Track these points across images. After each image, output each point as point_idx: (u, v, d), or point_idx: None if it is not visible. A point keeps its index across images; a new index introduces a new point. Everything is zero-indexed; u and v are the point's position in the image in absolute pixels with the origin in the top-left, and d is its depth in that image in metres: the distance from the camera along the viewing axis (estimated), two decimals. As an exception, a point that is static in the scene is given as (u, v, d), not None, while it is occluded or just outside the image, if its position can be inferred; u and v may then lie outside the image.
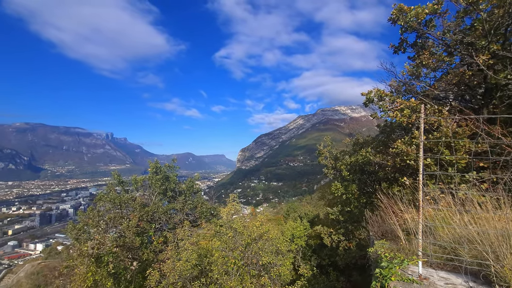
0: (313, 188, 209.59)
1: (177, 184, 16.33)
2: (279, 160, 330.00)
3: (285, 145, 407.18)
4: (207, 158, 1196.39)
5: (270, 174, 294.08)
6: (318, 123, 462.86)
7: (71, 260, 8.98)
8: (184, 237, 9.69)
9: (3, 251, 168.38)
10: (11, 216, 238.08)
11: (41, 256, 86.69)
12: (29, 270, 50.02)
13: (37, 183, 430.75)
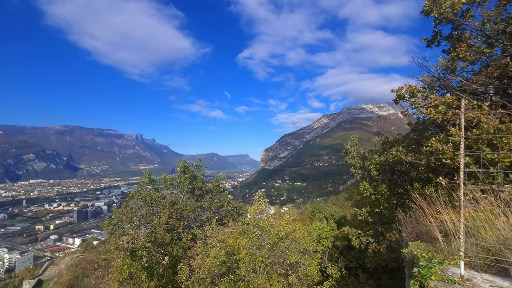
0: (339, 188, 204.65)
1: (204, 183, 16.76)
2: (303, 160, 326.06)
3: (309, 145, 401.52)
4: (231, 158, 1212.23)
5: (294, 174, 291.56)
6: (343, 122, 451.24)
7: (108, 253, 9.58)
8: (212, 234, 9.94)
9: (46, 244, 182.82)
10: (52, 212, 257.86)
11: (79, 250, 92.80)
12: (69, 262, 53.37)
13: (75, 182, 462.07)
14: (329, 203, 74.79)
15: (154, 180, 17.10)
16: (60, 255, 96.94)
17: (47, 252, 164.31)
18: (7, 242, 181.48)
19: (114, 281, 8.53)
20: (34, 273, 66.58)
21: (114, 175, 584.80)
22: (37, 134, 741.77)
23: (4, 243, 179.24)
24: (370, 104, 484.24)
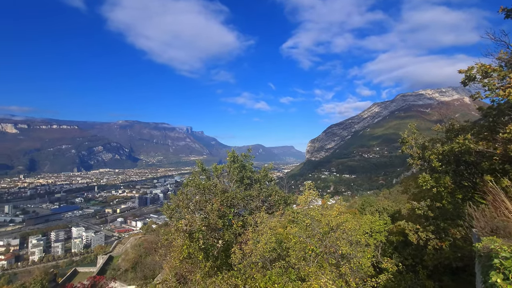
0: (392, 182, 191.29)
1: (252, 173, 17.21)
2: (352, 151, 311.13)
3: (358, 135, 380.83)
4: (276, 150, 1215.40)
5: (342, 166, 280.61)
6: (397, 110, 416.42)
7: (169, 234, 10.55)
8: (263, 221, 10.24)
9: (114, 225, 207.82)
10: (118, 198, 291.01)
11: (140, 232, 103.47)
12: (133, 242, 59.02)
13: (135, 171, 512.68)
14: (381, 196, 70.63)
15: (205, 169, 18.11)
16: (125, 236, 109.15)
17: (115, 232, 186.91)
18: (84, 222, 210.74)
19: (175, 259, 9.40)
20: (106, 250, 76.37)
21: (168, 165, 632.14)
22: (104, 129, 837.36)
23: (82, 223, 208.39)
24: (429, 90, 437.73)
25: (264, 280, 7.32)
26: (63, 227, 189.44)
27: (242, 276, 7.71)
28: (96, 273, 41.91)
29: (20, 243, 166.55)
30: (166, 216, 16.40)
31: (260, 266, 9.19)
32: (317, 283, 6.92)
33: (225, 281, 7.31)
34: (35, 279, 21.16)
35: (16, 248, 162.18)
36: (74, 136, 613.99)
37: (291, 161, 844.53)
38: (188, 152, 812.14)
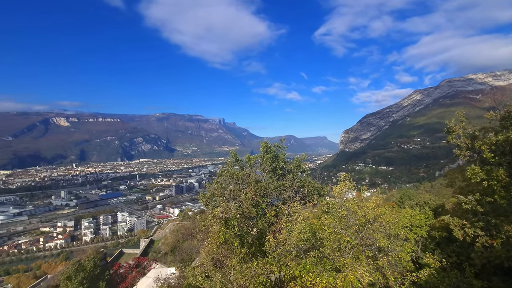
0: (434, 174, 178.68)
1: (285, 163, 17.21)
2: (390, 142, 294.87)
3: (397, 125, 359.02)
4: (308, 141, 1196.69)
5: (378, 157, 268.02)
6: (442, 97, 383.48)
7: (206, 221, 11.06)
8: (297, 211, 10.28)
9: (154, 211, 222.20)
10: (157, 186, 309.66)
11: (178, 218, 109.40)
12: (171, 228, 62.49)
13: (172, 161, 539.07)
14: (421, 190, 66.54)
15: (239, 159, 18.49)
16: (164, 221, 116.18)
17: (155, 218, 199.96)
18: (127, 208, 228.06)
19: (212, 244, 9.86)
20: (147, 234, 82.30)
21: (202, 156, 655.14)
22: (143, 121, 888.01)
23: (126, 208, 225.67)
24: (481, 74, 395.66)
25: (298, 268, 7.39)
26: (110, 212, 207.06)
27: (276, 264, 7.87)
28: (139, 254, 45.43)
29: (75, 225, 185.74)
30: (202, 204, 17.14)
31: (294, 255, 9.28)
32: (353, 274, 6.84)
33: (260, 267, 7.52)
34: (89, 257, 23.45)
35: (71, 229, 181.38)
36: (117, 128, 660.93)
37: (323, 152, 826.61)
38: (220, 143, 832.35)
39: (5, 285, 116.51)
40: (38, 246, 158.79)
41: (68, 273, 21.02)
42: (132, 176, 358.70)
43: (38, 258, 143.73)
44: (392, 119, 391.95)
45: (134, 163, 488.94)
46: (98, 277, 21.85)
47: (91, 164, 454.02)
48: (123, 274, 27.35)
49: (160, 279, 11.87)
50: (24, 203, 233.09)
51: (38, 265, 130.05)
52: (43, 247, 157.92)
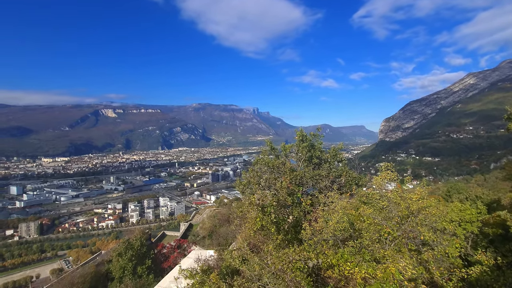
0: (489, 166, 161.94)
1: (321, 152, 16.87)
2: (436, 131, 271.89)
3: (445, 113, 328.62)
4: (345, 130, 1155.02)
5: (423, 147, 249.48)
6: (501, 80, 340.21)
7: (244, 207, 11.42)
8: (334, 201, 10.12)
9: (192, 198, 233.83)
10: (194, 174, 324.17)
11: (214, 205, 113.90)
12: (209, 213, 65.25)
13: (208, 150, 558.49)
14: (472, 183, 60.97)
15: (274, 148, 18.53)
16: (202, 207, 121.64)
17: (193, 204, 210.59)
18: (168, 193, 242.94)
19: (249, 229, 10.19)
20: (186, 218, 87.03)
21: (236, 145, 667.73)
22: (181, 111, 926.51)
23: (167, 194, 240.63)
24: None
25: (336, 257, 7.35)
26: (153, 197, 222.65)
27: (313, 251, 7.89)
28: (180, 237, 48.40)
29: (123, 208, 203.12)
30: (239, 191, 17.61)
31: (331, 243, 9.21)
32: (394, 266, 6.61)
33: (297, 253, 7.61)
34: (136, 237, 25.53)
35: (120, 211, 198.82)
36: (158, 118, 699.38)
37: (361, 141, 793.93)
38: (255, 132, 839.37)
39: (67, 258, 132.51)
40: (92, 225, 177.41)
41: (119, 250, 23.16)
42: (172, 164, 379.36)
43: (93, 236, 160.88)
44: (439, 106, 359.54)
45: (173, 152, 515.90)
46: (145, 255, 23.79)
47: (135, 152, 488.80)
48: (166, 254, 29.46)
49: (200, 260, 12.59)
50: (80, 187, 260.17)
51: (93, 242, 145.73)
52: (96, 226, 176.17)
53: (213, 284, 7.93)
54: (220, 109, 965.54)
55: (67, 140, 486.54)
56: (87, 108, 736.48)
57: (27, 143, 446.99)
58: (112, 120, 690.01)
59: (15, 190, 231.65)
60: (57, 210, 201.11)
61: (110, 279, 21.21)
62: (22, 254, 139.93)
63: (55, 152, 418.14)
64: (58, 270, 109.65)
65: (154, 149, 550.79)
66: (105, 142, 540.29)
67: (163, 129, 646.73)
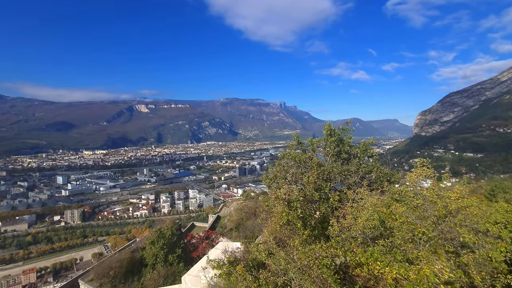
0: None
1: (351, 147, 16.32)
2: (480, 125, 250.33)
3: (490, 105, 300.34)
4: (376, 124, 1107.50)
5: (463, 142, 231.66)
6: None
7: (270, 201, 11.42)
8: (363, 197, 9.76)
9: (219, 190, 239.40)
10: (222, 167, 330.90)
11: (241, 198, 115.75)
12: (236, 206, 66.38)
13: (235, 144, 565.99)
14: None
15: (301, 142, 18.25)
16: (229, 200, 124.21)
17: (220, 197, 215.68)
18: (197, 186, 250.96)
19: (275, 224, 10.19)
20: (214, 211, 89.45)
21: (263, 139, 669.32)
22: (209, 106, 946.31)
23: (196, 186, 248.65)
24: None
25: (365, 255, 7.10)
26: (182, 189, 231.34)
27: (341, 248, 7.70)
28: (208, 228, 49.88)
29: (155, 198, 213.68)
30: (265, 185, 17.64)
31: (359, 241, 8.92)
32: (429, 268, 6.24)
33: (323, 249, 7.47)
34: (167, 227, 26.71)
35: (152, 202, 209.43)
36: (187, 113, 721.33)
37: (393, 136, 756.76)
38: (281, 126, 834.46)
39: (106, 244, 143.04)
40: (128, 214, 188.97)
41: (152, 239, 24.42)
42: (200, 157, 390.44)
43: (128, 224, 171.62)
44: (484, 97, 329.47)
45: (201, 145, 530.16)
46: (175, 244, 24.85)
47: (166, 146, 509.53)
48: (195, 244, 30.56)
49: (227, 252, 12.87)
50: (117, 178, 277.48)
51: (129, 229, 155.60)
52: (131, 215, 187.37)
53: (239, 275, 8.06)
54: (247, 104, 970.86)
55: (105, 134, 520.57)
56: (123, 104, 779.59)
57: (71, 136, 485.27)
58: (145, 115, 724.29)
59: (61, 180, 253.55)
60: (97, 199, 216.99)
61: (144, 265, 22.49)
62: (68, 238, 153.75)
63: (95, 145, 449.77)
64: (99, 254, 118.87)
65: (183, 143, 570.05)
66: (138, 136, 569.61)
67: (192, 124, 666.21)
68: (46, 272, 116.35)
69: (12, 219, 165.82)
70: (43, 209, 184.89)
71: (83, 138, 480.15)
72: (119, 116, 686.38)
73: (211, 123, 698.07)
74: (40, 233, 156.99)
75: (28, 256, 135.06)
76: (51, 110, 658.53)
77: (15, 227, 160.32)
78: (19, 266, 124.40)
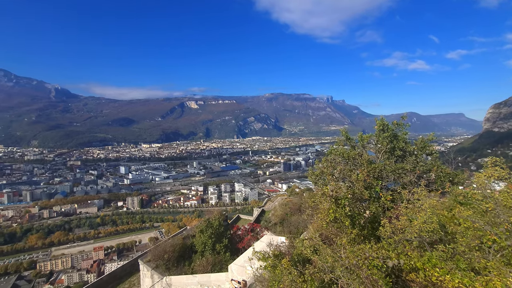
0: None
1: (406, 144, 15.09)
2: None
3: None
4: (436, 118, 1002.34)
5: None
6: None
7: (316, 197, 11.23)
8: (421, 198, 8.99)
9: (264, 185, 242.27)
10: (267, 162, 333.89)
11: (285, 193, 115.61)
12: (280, 201, 66.54)
13: (280, 139, 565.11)
14: None
15: (350, 138, 17.44)
16: (273, 195, 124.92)
17: (265, 191, 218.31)
18: (242, 180, 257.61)
19: (322, 220, 9.99)
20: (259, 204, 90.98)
21: (309, 135, 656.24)
22: (254, 102, 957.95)
23: (241, 180, 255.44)
24: None
25: (422, 260, 6.58)
26: (229, 182, 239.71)
27: (394, 250, 7.24)
28: (253, 221, 51.01)
29: (203, 190, 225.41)
30: (311, 181, 17.32)
31: (415, 245, 8.27)
32: (500, 280, 5.54)
33: (374, 250, 7.11)
34: (215, 217, 28.02)
35: (201, 193, 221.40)
36: (233, 109, 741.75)
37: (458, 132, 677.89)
38: (328, 121, 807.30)
39: (160, 229, 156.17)
40: (179, 203, 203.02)
41: (201, 227, 25.89)
42: (246, 152, 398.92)
43: (180, 213, 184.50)
44: None
45: (247, 140, 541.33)
46: (222, 234, 25.98)
47: (214, 140, 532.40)
48: (240, 236, 31.54)
49: (272, 245, 13.05)
50: (170, 169, 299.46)
51: (180, 218, 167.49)
52: (182, 205, 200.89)
53: (284, 269, 8.13)
54: (292, 99, 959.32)
55: (159, 129, 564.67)
56: (175, 100, 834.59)
57: (131, 131, 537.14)
58: (195, 111, 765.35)
59: (123, 170, 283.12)
60: (152, 188, 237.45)
61: (193, 251, 24.00)
62: (129, 222, 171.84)
63: (151, 139, 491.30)
64: (154, 238, 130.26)
65: (230, 137, 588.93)
66: (189, 131, 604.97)
67: (238, 119, 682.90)
68: (112, 250, 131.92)
69: (85, 203, 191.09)
70: (109, 195, 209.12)
71: (141, 133, 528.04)
72: (172, 112, 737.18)
73: (257, 118, 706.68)
74: (106, 216, 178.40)
75: (97, 236, 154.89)
76: (115, 107, 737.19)
77: (88, 210, 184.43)
78: (91, 244, 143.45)
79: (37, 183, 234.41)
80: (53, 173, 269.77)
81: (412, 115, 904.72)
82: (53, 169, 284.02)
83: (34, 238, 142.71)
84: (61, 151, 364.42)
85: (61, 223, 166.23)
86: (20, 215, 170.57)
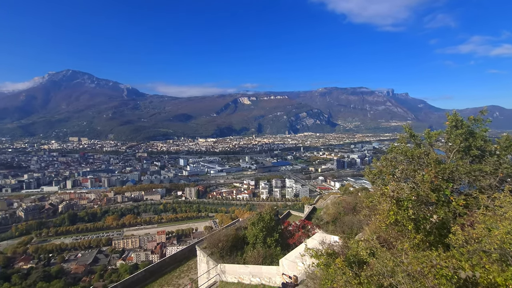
0: None
1: (486, 142, 13.17)
2: None
3: None
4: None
5: None
6: None
7: (374, 197, 10.59)
8: (504, 205, 7.80)
9: (316, 182, 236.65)
10: (319, 159, 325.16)
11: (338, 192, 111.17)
12: (333, 200, 64.39)
13: (334, 135, 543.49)
14: None
15: (414, 135, 15.92)
16: (325, 193, 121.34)
17: (317, 189, 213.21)
18: (293, 176, 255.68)
19: (380, 222, 9.40)
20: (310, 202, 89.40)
21: (365, 131, 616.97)
22: (307, 97, 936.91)
23: (292, 176, 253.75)
24: None
25: (503, 275, 5.74)
26: (280, 177, 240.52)
27: (467, 261, 6.45)
28: (304, 218, 50.46)
29: (255, 184, 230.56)
30: (368, 180, 16.37)
31: (494, 257, 7.24)
32: None
33: (442, 259, 6.44)
34: (266, 211, 28.48)
35: (253, 187, 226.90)
36: (285, 104, 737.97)
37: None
38: (388, 117, 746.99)
39: (214, 219, 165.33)
40: (232, 196, 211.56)
41: (252, 220, 26.61)
42: (297, 148, 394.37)
43: (232, 205, 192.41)
44: None
45: (299, 136, 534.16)
46: (273, 228, 26.31)
47: (266, 136, 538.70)
48: (291, 231, 31.52)
49: (325, 244, 12.77)
50: (223, 163, 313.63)
51: (233, 210, 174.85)
52: (235, 197, 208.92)
53: (338, 269, 7.92)
54: (347, 93, 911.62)
55: (214, 125, 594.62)
56: (229, 97, 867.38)
57: (189, 126, 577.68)
58: (247, 107, 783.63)
59: (182, 162, 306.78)
60: (208, 180, 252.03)
61: (245, 243, 24.85)
62: (187, 211, 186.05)
63: (207, 134, 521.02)
64: (209, 227, 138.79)
65: (281, 133, 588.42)
66: (241, 126, 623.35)
67: (290, 115, 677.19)
68: (172, 235, 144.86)
69: (150, 191, 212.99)
70: (170, 185, 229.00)
71: (198, 128, 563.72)
72: (226, 108, 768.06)
73: (309, 113, 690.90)
74: (168, 204, 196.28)
75: (160, 221, 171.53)
76: (175, 104, 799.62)
77: (152, 197, 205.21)
78: (155, 228, 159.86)
79: (112, 171, 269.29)
80: (125, 163, 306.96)
81: (493, 108, 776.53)
82: (125, 160, 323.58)
83: (110, 219, 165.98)
84: (131, 144, 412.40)
85: (131, 207, 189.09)
86: (100, 198, 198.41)
